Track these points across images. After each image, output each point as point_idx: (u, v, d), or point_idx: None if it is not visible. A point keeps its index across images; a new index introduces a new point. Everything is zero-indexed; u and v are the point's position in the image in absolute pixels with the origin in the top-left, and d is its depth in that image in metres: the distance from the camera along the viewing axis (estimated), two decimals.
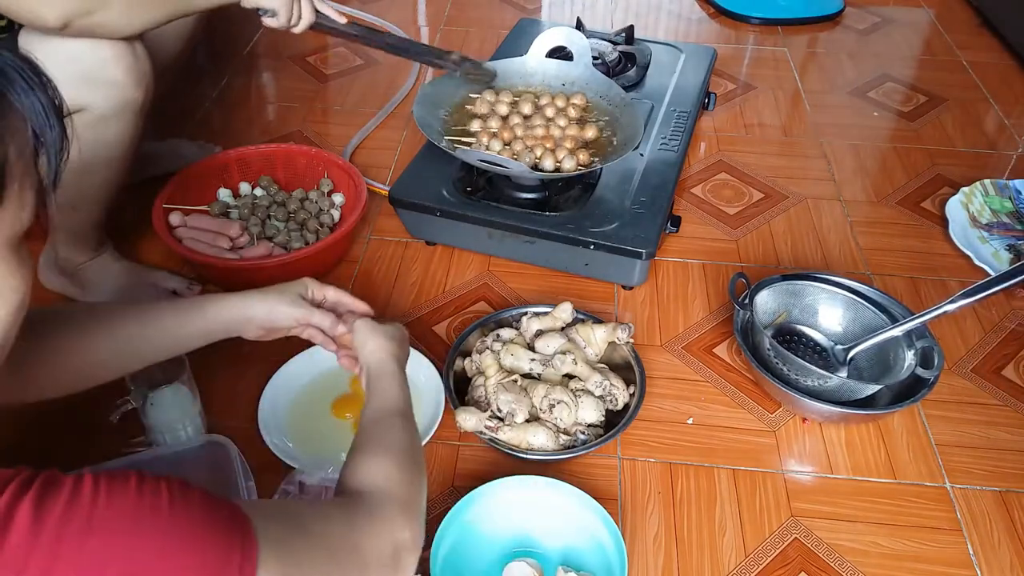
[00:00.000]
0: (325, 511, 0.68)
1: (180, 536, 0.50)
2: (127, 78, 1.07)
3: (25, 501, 0.45)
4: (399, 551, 0.69)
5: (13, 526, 0.44)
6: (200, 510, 0.52)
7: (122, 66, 1.06)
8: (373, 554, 0.66)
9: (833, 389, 1.11)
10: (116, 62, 1.05)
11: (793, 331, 1.23)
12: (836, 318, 1.23)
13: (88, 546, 0.46)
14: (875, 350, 1.16)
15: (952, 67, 2.10)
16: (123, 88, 1.07)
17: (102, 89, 1.06)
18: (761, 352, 1.16)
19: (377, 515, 0.69)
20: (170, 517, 0.50)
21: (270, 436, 1.06)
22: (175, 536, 0.49)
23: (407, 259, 1.43)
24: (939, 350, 1.13)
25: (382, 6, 2.25)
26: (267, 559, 0.53)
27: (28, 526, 0.45)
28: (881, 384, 1.12)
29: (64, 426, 1.07)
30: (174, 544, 0.49)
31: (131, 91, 1.08)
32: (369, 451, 0.78)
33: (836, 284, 1.23)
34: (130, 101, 1.09)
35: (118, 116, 1.09)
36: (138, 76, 1.08)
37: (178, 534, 0.49)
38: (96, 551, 0.46)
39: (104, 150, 1.12)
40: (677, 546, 1.02)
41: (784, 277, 1.24)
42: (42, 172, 0.55)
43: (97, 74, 1.04)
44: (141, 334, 0.90)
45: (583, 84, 1.50)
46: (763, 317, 1.21)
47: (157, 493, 0.50)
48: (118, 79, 1.06)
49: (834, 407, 1.09)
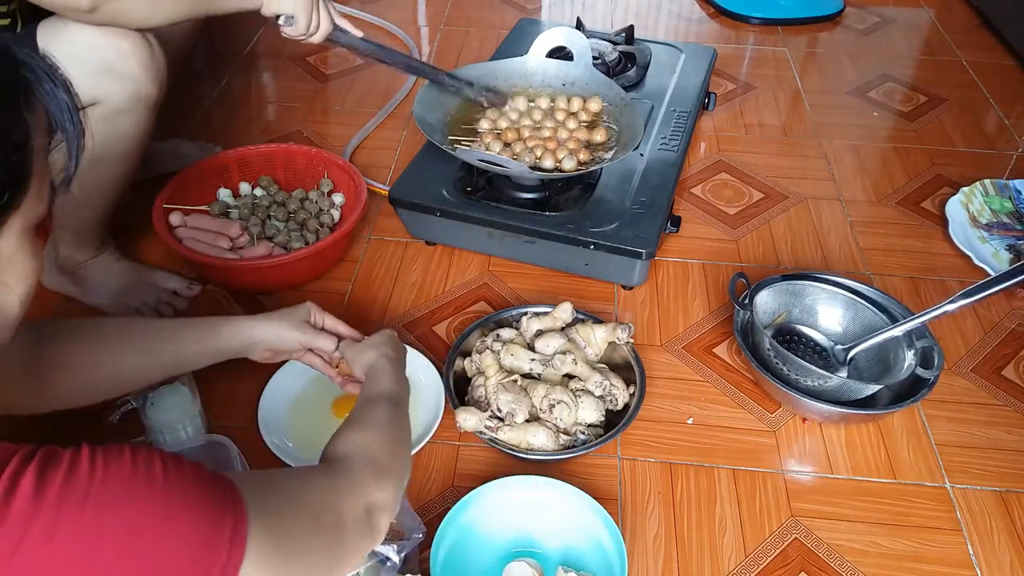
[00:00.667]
0: (306, 476, 0.72)
1: (174, 505, 0.52)
2: (144, 73, 1.08)
3: (28, 471, 0.48)
4: (372, 511, 0.72)
5: (17, 494, 0.47)
6: (192, 481, 0.54)
7: (139, 60, 1.07)
8: (350, 514, 0.69)
9: (833, 389, 1.11)
10: (133, 56, 1.06)
11: (793, 331, 1.23)
12: (836, 318, 1.23)
13: (86, 514, 0.48)
14: (875, 350, 1.17)
15: (952, 67, 2.10)
16: (139, 82, 1.08)
17: (118, 82, 1.07)
18: (761, 352, 1.16)
19: (352, 477, 0.73)
20: (164, 487, 0.52)
21: (270, 436, 1.06)
22: (169, 505, 0.52)
23: (407, 259, 1.43)
24: (939, 350, 1.13)
25: (382, 6, 2.25)
26: (256, 524, 0.56)
27: (31, 495, 0.47)
28: (881, 384, 1.12)
29: (64, 426, 1.07)
30: (168, 512, 0.51)
31: (146, 86, 1.09)
32: (352, 425, 0.82)
33: (836, 284, 1.23)
34: (144, 96, 1.10)
35: (132, 110, 1.10)
36: (154, 71, 1.10)
37: (172, 503, 0.52)
38: (94, 519, 0.48)
39: (117, 144, 1.13)
40: (677, 546, 1.02)
41: (784, 277, 1.24)
42: (53, 169, 0.58)
43: (115, 67, 1.06)
44: (159, 350, 0.94)
45: (583, 84, 1.50)
46: (763, 317, 1.21)
47: (151, 465, 0.52)
48: (135, 73, 1.07)
49: (834, 407, 1.09)
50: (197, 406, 1.07)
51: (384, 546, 0.91)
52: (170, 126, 1.67)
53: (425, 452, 1.10)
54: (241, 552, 0.54)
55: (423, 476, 1.08)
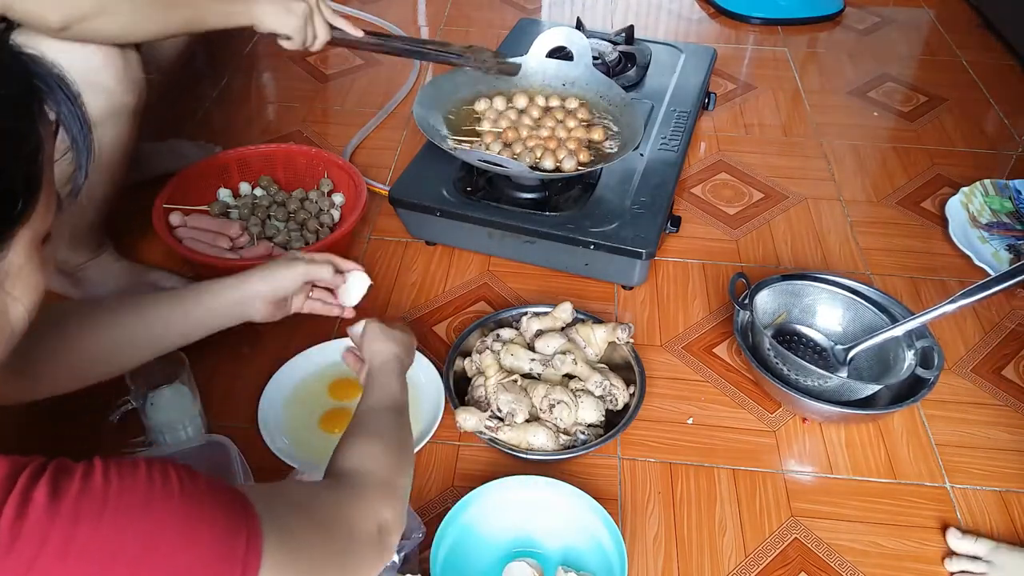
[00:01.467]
0: (315, 490, 0.71)
1: (190, 519, 0.51)
2: (117, 84, 1.06)
3: (41, 484, 0.47)
4: (383, 529, 0.72)
5: (31, 507, 0.46)
6: (207, 495, 0.53)
7: (112, 72, 1.05)
8: (359, 529, 0.69)
9: (833, 389, 1.11)
10: (106, 68, 1.04)
11: (793, 331, 1.23)
12: (836, 318, 1.23)
13: (102, 530, 0.47)
14: (875, 350, 1.17)
15: (952, 67, 2.10)
16: (113, 94, 1.06)
17: (92, 95, 1.03)
18: (761, 352, 1.16)
19: (360, 493, 0.73)
20: (180, 502, 0.51)
21: (270, 436, 1.06)
22: (185, 519, 0.51)
23: (407, 259, 1.43)
24: (939, 350, 1.13)
25: (382, 6, 2.25)
26: (270, 538, 0.56)
27: (45, 508, 0.46)
28: (881, 384, 1.12)
29: (64, 427, 1.07)
30: (184, 527, 0.51)
31: (121, 97, 1.07)
32: (357, 437, 0.81)
33: (836, 284, 1.23)
34: (121, 106, 1.08)
35: (110, 121, 1.08)
36: (129, 82, 1.07)
37: (188, 517, 0.51)
38: (110, 534, 0.48)
39: (98, 154, 1.11)
40: (677, 546, 1.02)
41: (784, 277, 1.24)
42: (58, 180, 0.58)
43: (88, 80, 1.02)
44: (143, 325, 0.91)
45: (583, 84, 1.50)
46: (763, 317, 1.21)
47: (167, 478, 0.52)
48: (109, 85, 1.05)
49: (834, 407, 1.09)
50: (197, 406, 1.07)
51: None
52: (170, 126, 1.67)
53: (425, 452, 1.10)
54: (256, 567, 0.53)
55: (423, 476, 1.08)
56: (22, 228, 0.54)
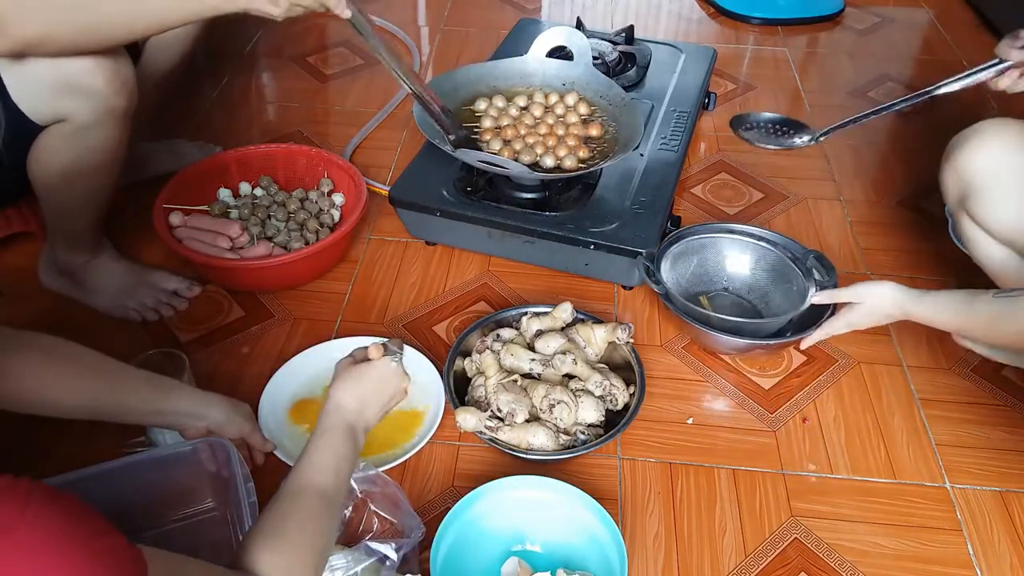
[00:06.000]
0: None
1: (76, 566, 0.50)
2: (108, 87, 1.05)
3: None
4: None
5: None
6: (98, 551, 0.52)
7: (103, 75, 1.04)
8: None
9: (751, 331, 1.21)
10: (97, 71, 1.03)
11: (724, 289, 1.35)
12: (744, 263, 1.34)
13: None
14: (780, 287, 1.29)
15: (952, 67, 2.09)
16: (104, 97, 1.05)
17: (82, 99, 1.04)
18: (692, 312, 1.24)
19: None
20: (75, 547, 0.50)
21: (270, 436, 1.06)
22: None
23: (407, 259, 1.43)
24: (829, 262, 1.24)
25: (382, 6, 2.25)
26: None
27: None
28: (789, 315, 1.21)
29: (64, 426, 1.07)
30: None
31: (112, 99, 1.06)
32: (278, 535, 0.74)
33: (716, 230, 1.35)
34: (111, 109, 1.07)
35: (101, 124, 1.08)
36: (119, 84, 1.06)
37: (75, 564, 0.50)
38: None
39: (91, 157, 1.10)
40: (677, 546, 1.02)
41: (669, 242, 1.32)
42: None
43: (78, 84, 1.03)
44: (104, 396, 0.91)
45: (583, 84, 1.50)
46: (680, 285, 1.31)
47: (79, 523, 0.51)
48: (99, 88, 1.04)
49: (740, 339, 1.18)
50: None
51: (383, 545, 0.91)
52: (170, 126, 1.67)
53: (425, 452, 1.10)
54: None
55: (423, 476, 1.08)
56: None
